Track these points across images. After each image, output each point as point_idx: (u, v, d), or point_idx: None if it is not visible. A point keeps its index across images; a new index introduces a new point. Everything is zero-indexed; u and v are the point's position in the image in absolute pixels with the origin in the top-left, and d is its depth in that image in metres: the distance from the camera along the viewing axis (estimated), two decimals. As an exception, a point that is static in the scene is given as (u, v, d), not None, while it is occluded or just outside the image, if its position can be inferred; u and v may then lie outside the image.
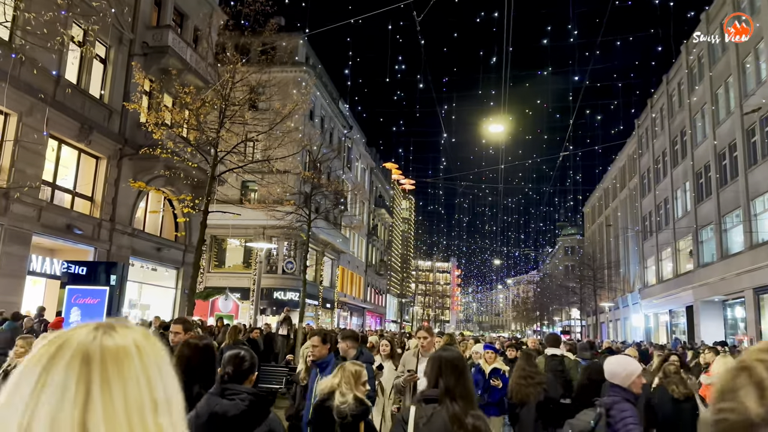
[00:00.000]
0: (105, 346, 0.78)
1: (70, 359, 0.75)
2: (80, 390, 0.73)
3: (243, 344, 12.41)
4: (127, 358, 0.78)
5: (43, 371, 0.75)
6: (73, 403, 0.73)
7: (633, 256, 47.13)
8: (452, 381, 3.01)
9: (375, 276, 56.36)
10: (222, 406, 2.84)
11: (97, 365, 0.76)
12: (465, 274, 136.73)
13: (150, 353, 0.82)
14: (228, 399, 2.88)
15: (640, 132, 45.52)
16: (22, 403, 0.73)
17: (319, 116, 34.97)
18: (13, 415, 0.72)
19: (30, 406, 0.72)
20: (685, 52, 34.32)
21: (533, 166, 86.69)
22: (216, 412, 2.83)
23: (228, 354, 3.10)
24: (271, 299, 31.74)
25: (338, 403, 3.84)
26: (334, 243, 36.80)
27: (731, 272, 26.36)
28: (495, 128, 21.55)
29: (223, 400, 2.88)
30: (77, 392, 0.73)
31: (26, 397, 0.73)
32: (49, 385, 0.73)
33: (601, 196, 60.51)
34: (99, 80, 17.67)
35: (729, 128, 27.63)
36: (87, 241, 16.86)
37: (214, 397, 2.91)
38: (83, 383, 0.74)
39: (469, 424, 2.89)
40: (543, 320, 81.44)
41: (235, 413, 2.80)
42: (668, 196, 37.34)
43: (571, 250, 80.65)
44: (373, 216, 54.58)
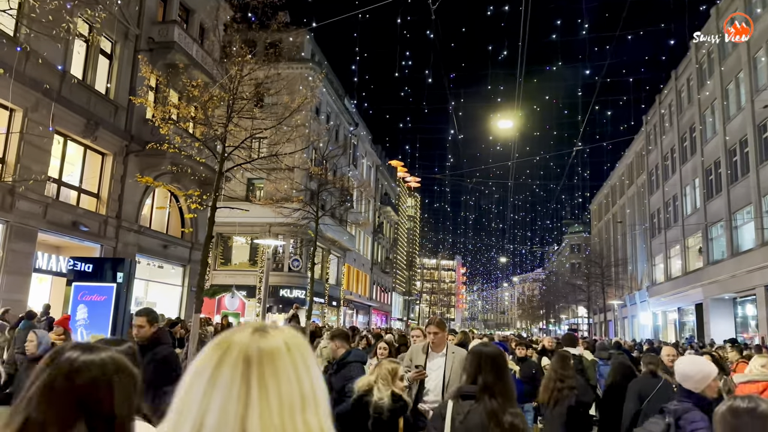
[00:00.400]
0: (261, 348, 0.87)
1: (234, 360, 0.85)
2: (243, 388, 0.84)
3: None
4: (280, 357, 0.87)
5: (214, 370, 0.85)
6: (237, 399, 0.83)
7: (641, 254, 46.80)
8: (491, 377, 2.96)
9: (381, 274, 56.20)
10: None
11: (255, 366, 0.85)
12: (470, 272, 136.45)
13: (297, 351, 0.90)
14: None
15: (648, 128, 45.15)
16: (198, 398, 0.84)
17: (325, 113, 34.79)
18: (192, 407, 0.84)
19: (204, 401, 0.83)
20: (694, 47, 33.96)
21: (541, 162, 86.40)
22: None
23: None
24: (277, 297, 31.60)
25: (376, 399, 3.96)
26: (341, 240, 36.66)
27: (742, 269, 26.05)
28: (504, 124, 21.32)
29: None
30: (240, 390, 0.83)
31: (201, 392, 0.84)
32: (219, 383, 0.84)
33: (608, 193, 60.13)
34: (105, 76, 17.53)
35: (740, 124, 27.30)
36: (93, 238, 16.74)
37: None
38: (245, 382, 0.84)
39: (506, 422, 2.81)
40: (549, 318, 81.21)
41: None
42: (677, 193, 37.01)
43: (577, 247, 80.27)
44: (379, 214, 54.40)
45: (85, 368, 1.33)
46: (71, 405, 1.28)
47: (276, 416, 0.83)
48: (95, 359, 1.36)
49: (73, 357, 1.34)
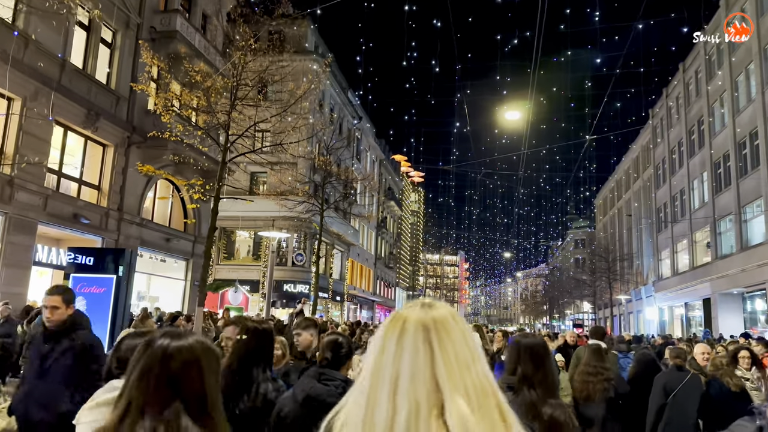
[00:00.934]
0: (435, 317, 1.09)
1: (414, 330, 1.07)
2: (427, 350, 1.05)
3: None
4: (449, 324, 1.09)
5: (400, 337, 1.07)
6: (424, 359, 1.04)
7: (647, 249, 46.42)
8: (531, 368, 2.85)
9: (384, 269, 55.92)
10: (315, 389, 2.94)
11: (434, 331, 1.07)
12: (474, 268, 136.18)
13: (460, 320, 1.12)
14: (323, 383, 2.97)
15: (654, 122, 44.69)
16: (390, 359, 1.05)
17: (328, 106, 34.44)
18: (386, 365, 1.05)
19: (395, 365, 1.04)
20: (702, 39, 33.47)
21: (546, 157, 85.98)
22: (310, 395, 2.92)
23: (326, 340, 3.20)
24: (281, 292, 31.32)
25: None
26: (345, 235, 36.34)
27: (752, 264, 25.68)
28: (512, 115, 20.92)
29: (318, 384, 2.97)
30: (425, 352, 1.05)
31: (392, 354, 1.06)
32: (406, 346, 1.05)
33: (614, 187, 59.69)
34: (105, 65, 17.21)
35: (750, 116, 26.87)
36: (94, 231, 16.45)
37: (310, 380, 3.01)
38: (428, 345, 1.05)
39: (545, 414, 2.66)
40: (553, 314, 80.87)
41: (328, 399, 2.84)
42: (684, 187, 36.60)
43: (582, 242, 79.87)
44: (383, 208, 54.07)
45: (177, 353, 1.46)
46: (167, 387, 1.43)
47: (455, 367, 1.04)
48: (184, 344, 1.49)
49: (165, 344, 1.48)
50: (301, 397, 2.94)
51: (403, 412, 1.01)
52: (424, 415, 1.00)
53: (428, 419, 1.00)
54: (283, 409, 2.99)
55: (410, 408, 1.01)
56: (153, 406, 1.41)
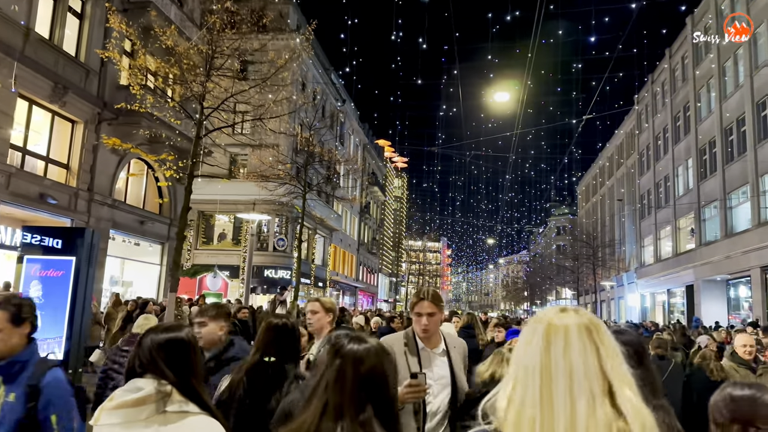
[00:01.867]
0: (592, 321, 1.25)
1: (578, 332, 1.22)
2: (593, 348, 1.20)
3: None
4: (603, 326, 1.26)
5: (566, 339, 1.21)
6: (593, 356, 1.19)
7: (629, 236, 46.46)
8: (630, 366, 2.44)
9: (367, 255, 55.40)
10: None
11: (596, 333, 1.23)
12: (456, 254, 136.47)
13: (602, 324, 1.27)
14: None
15: (639, 108, 44.50)
16: (560, 359, 1.19)
17: (311, 87, 33.55)
18: (557, 366, 1.19)
19: (567, 360, 1.18)
20: (690, 24, 33.18)
21: (532, 141, 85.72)
22: None
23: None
24: (262, 277, 30.63)
25: None
26: (327, 219, 35.60)
27: (737, 250, 25.58)
28: (501, 97, 20.37)
29: None
30: (592, 350, 1.20)
31: (561, 355, 1.19)
32: (574, 347, 1.20)
33: (597, 174, 59.66)
34: (74, 37, 16.24)
35: (737, 102, 26.64)
36: (63, 212, 15.60)
37: None
38: (593, 344, 1.21)
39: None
40: (534, 300, 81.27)
41: None
42: (669, 174, 36.48)
43: (563, 229, 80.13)
44: (366, 194, 53.41)
45: (366, 357, 1.59)
46: (359, 390, 1.55)
47: (617, 362, 1.21)
48: (370, 348, 1.63)
49: (355, 348, 1.62)
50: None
51: (582, 403, 1.15)
52: (600, 402, 1.16)
53: (603, 406, 1.16)
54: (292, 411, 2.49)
55: (588, 399, 1.15)
56: (350, 408, 1.51)
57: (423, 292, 3.28)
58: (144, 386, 1.91)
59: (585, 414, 1.13)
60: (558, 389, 1.16)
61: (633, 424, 1.15)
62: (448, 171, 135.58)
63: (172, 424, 1.88)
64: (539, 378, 1.19)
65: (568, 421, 1.14)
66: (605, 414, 1.14)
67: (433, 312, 3.21)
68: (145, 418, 1.86)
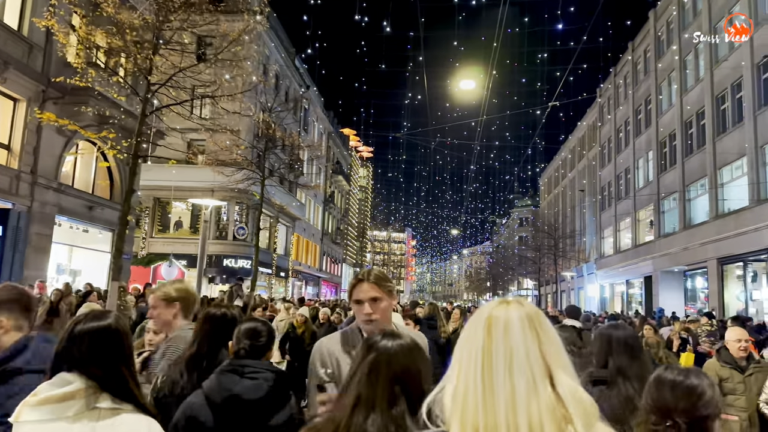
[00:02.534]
0: (532, 311, 1.27)
1: (519, 319, 1.24)
2: (534, 334, 1.23)
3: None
4: (543, 316, 1.28)
5: (506, 327, 1.23)
6: (533, 341, 1.21)
7: (590, 227, 47.12)
8: (625, 360, 2.83)
9: (331, 245, 54.82)
10: (243, 387, 2.47)
11: (536, 321, 1.25)
12: (421, 245, 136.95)
13: (543, 314, 1.29)
14: (249, 378, 2.51)
15: (602, 101, 45.01)
16: (501, 344, 1.21)
17: (273, 71, 32.66)
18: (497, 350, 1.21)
19: (507, 345, 1.20)
20: (653, 18, 33.54)
21: (497, 132, 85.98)
22: (236, 394, 2.45)
23: (243, 327, 2.73)
24: (221, 267, 29.81)
25: None
26: (289, 208, 34.81)
27: (695, 242, 26.04)
28: (466, 84, 20.04)
29: (243, 379, 2.50)
30: (533, 336, 1.22)
31: (501, 340, 1.21)
32: (514, 333, 1.22)
33: (559, 166, 60.34)
34: (17, 9, 15.16)
35: (698, 95, 27.02)
36: (3, 196, 14.58)
37: (231, 376, 2.51)
38: (534, 331, 1.23)
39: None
40: (496, 290, 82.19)
41: (261, 395, 2.47)
42: (629, 166, 36.99)
43: (526, 220, 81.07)
44: (331, 183, 52.75)
45: (400, 353, 1.64)
46: (393, 385, 1.58)
47: (556, 348, 1.24)
48: (404, 345, 1.67)
49: (389, 345, 1.66)
50: (220, 397, 2.42)
51: (522, 383, 1.17)
52: (541, 385, 1.17)
53: (544, 388, 1.17)
54: (197, 416, 2.41)
55: (528, 379, 1.17)
56: (382, 402, 1.55)
57: (362, 273, 2.60)
58: (73, 380, 1.79)
59: (525, 394, 1.15)
60: (498, 369, 1.18)
61: (575, 411, 1.16)
62: (414, 161, 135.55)
63: (104, 420, 1.77)
64: (480, 360, 1.20)
65: (508, 401, 1.15)
66: (548, 397, 1.16)
67: (378, 296, 2.48)
68: (73, 415, 1.74)
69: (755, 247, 20.87)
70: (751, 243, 20.99)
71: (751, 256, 21.79)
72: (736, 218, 22.32)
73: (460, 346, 1.27)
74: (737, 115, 23.20)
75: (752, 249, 21.14)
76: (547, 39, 57.90)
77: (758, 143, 21.04)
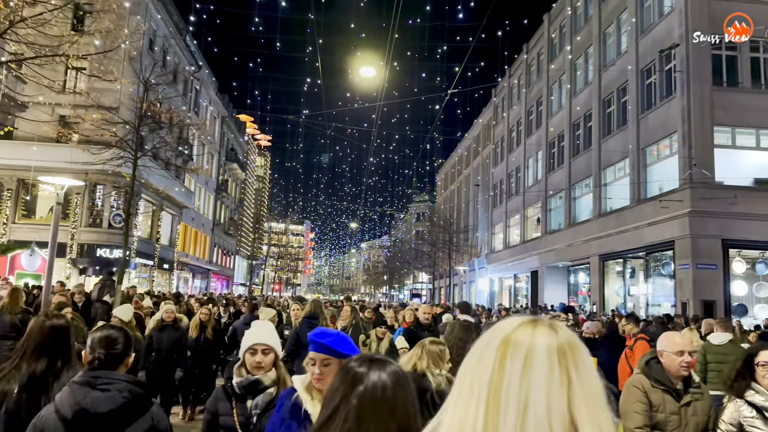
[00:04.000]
0: (570, 343, 0.94)
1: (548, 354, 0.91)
2: (564, 380, 0.90)
3: (30, 312, 9.10)
4: (584, 353, 0.95)
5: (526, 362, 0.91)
6: (560, 391, 0.89)
7: (482, 223, 48.45)
8: None
9: (223, 236, 52.31)
10: (93, 400, 2.35)
11: (572, 360, 0.92)
12: (320, 238, 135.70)
13: (584, 347, 0.97)
14: (100, 390, 2.38)
15: (497, 101, 46.29)
16: (516, 387, 0.89)
17: (161, 49, 30.19)
18: (509, 395, 0.89)
19: (523, 391, 0.89)
20: (547, 21, 34.72)
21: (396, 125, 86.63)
22: (84, 408, 2.32)
23: (97, 336, 2.57)
24: (94, 257, 27.17)
25: (435, 385, 3.73)
26: (172, 193, 32.19)
27: (579, 239, 27.17)
28: (367, 71, 19.32)
29: (94, 391, 2.38)
30: (562, 382, 0.90)
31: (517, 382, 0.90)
32: (537, 374, 0.90)
33: (455, 162, 61.68)
34: None
35: (586, 98, 28.18)
36: None
37: (82, 388, 2.38)
38: (566, 375, 0.90)
39: None
40: (392, 284, 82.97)
41: (112, 407, 2.35)
42: (520, 165, 38.22)
43: (423, 215, 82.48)
44: (224, 170, 50.24)
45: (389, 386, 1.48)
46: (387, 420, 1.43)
47: (594, 404, 0.89)
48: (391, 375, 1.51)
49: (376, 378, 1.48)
50: (71, 411, 2.30)
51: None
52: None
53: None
54: (45, 429, 2.33)
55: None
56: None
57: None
58: None
59: None
60: (506, 420, 0.88)
61: None
62: (313, 151, 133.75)
63: None
64: (485, 399, 0.91)
65: None
66: None
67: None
68: None
69: (634, 245, 21.98)
70: (630, 241, 22.08)
71: (630, 254, 22.98)
72: (617, 217, 23.43)
73: (464, 367, 0.98)
74: (622, 118, 24.35)
75: (632, 246, 22.26)
76: (446, 35, 58.77)
77: (640, 145, 22.15)
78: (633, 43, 23.29)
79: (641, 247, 21.68)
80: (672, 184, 19.53)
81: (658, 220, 19.90)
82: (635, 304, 22.79)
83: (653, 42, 21.79)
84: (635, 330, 6.89)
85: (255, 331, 3.10)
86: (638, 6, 23.33)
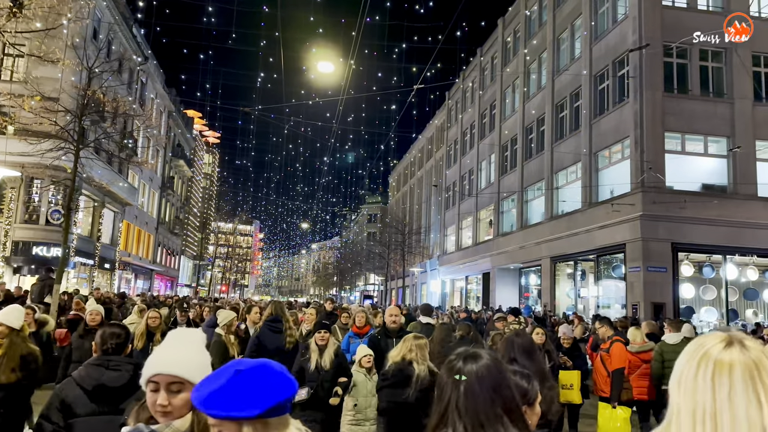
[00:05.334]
0: (756, 361, 1.02)
1: (742, 372, 1.00)
2: (754, 396, 0.99)
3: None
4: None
5: (730, 381, 1.00)
6: (754, 406, 0.98)
7: (435, 224, 48.62)
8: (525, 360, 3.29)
9: (168, 235, 50.54)
10: (109, 377, 2.98)
11: (758, 376, 1.01)
12: (269, 238, 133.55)
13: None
14: (113, 370, 3.02)
15: (450, 103, 46.55)
16: (726, 402, 0.99)
17: (105, 37, 28.76)
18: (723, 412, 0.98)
19: (732, 408, 0.98)
20: (501, 26, 35.09)
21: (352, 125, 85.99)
22: (103, 383, 2.95)
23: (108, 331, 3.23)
24: (29, 256, 25.61)
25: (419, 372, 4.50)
26: (113, 188, 30.58)
27: (530, 241, 27.47)
28: (324, 67, 18.86)
29: (108, 371, 3.02)
30: (753, 397, 0.99)
31: (726, 397, 0.99)
32: (736, 390, 0.99)
33: (409, 164, 61.75)
34: None
35: (539, 103, 28.57)
36: None
37: (98, 368, 3.03)
38: (755, 391, 0.99)
39: None
40: (342, 285, 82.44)
41: (123, 383, 2.97)
42: (473, 168, 38.49)
43: (375, 217, 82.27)
44: (170, 167, 48.53)
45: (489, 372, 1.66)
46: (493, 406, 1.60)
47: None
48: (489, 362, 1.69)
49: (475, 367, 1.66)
50: (91, 385, 2.93)
51: None
52: None
53: None
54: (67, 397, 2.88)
55: None
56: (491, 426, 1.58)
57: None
58: None
59: None
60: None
61: None
62: (265, 149, 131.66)
63: None
64: (710, 429, 0.99)
65: None
66: None
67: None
68: None
69: (585, 248, 22.34)
70: (582, 243, 22.44)
71: (581, 256, 23.36)
72: (569, 220, 23.79)
73: (681, 391, 1.06)
74: (575, 123, 24.75)
75: (582, 249, 22.62)
76: (405, 35, 58.72)
77: (592, 150, 22.55)
78: (587, 48, 23.71)
79: (592, 250, 22.06)
80: (624, 188, 19.92)
81: (610, 224, 20.27)
82: (585, 306, 23.18)
83: (607, 48, 22.24)
84: (610, 333, 6.79)
85: (163, 351, 2.05)
86: (592, 12, 23.78)
